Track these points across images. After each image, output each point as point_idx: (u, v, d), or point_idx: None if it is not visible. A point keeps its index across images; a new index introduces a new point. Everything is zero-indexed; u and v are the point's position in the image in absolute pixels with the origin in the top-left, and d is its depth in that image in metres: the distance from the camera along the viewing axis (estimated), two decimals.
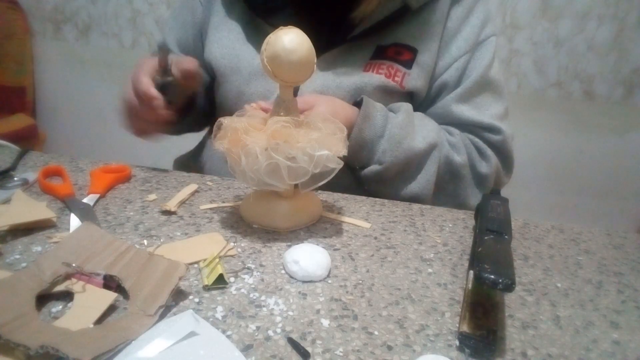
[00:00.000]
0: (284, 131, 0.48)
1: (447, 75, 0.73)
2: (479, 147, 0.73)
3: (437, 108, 0.74)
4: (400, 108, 0.69)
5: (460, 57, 0.73)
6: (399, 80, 0.71)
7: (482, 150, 0.73)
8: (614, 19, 1.55)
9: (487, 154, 0.73)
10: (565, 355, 0.39)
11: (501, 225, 0.49)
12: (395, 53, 0.72)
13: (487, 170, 0.73)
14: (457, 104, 0.73)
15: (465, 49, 0.73)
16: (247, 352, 0.36)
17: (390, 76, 0.71)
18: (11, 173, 0.64)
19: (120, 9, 1.89)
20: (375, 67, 0.71)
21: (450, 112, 0.73)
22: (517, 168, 0.79)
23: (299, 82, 0.51)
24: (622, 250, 0.58)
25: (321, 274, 0.46)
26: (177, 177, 0.68)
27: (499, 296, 0.45)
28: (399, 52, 0.72)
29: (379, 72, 0.71)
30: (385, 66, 0.71)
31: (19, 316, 0.36)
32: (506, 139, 0.74)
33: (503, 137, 0.74)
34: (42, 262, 0.42)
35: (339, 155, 0.51)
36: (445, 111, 0.73)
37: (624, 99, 1.64)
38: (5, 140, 0.75)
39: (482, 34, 0.74)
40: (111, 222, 0.54)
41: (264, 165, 0.48)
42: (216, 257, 0.47)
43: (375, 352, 0.38)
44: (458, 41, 0.73)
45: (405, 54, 0.72)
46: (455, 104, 0.73)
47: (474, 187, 0.74)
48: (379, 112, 0.67)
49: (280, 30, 0.49)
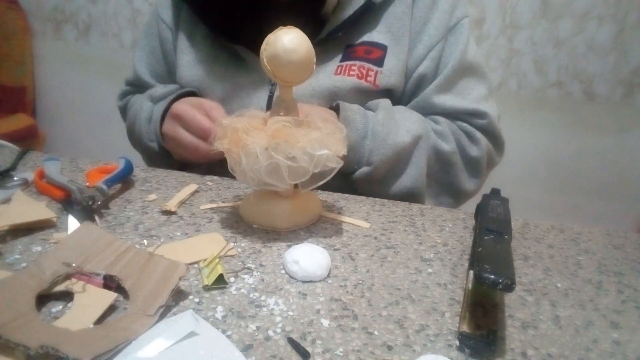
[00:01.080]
0: (285, 131, 0.49)
1: (423, 67, 0.72)
2: (468, 132, 0.73)
3: (419, 101, 0.73)
4: (379, 105, 0.68)
5: (434, 47, 0.71)
6: (371, 79, 0.70)
7: (471, 134, 0.73)
8: (614, 19, 1.55)
9: (477, 136, 0.72)
10: (565, 355, 0.39)
11: (501, 225, 0.49)
12: (365, 52, 0.70)
13: (478, 153, 0.73)
14: (438, 95, 0.72)
15: (437, 38, 0.71)
16: (247, 352, 0.36)
17: (362, 77, 0.70)
18: (11, 173, 0.64)
19: (120, 9, 1.89)
20: (346, 69, 0.70)
21: (433, 104, 0.72)
22: (518, 168, 0.79)
23: (299, 82, 0.51)
24: (622, 250, 0.58)
25: (321, 274, 0.46)
26: (177, 177, 0.68)
27: (499, 296, 0.45)
28: (368, 51, 0.70)
29: (351, 74, 0.70)
30: (357, 67, 0.70)
31: (19, 316, 0.36)
32: (492, 121, 0.73)
33: (488, 120, 0.73)
34: (42, 262, 0.42)
35: (339, 155, 0.51)
36: (427, 103, 0.73)
37: (624, 99, 1.64)
38: (5, 140, 0.76)
39: (453, 18, 0.72)
40: (111, 222, 0.54)
41: (264, 165, 0.48)
42: (216, 257, 0.47)
43: (375, 352, 0.38)
44: (429, 30, 0.71)
45: (374, 52, 0.70)
46: (436, 95, 0.72)
47: (467, 172, 0.73)
48: (357, 113, 0.66)
49: (279, 30, 0.49)
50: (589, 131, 1.69)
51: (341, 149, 0.51)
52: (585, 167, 1.73)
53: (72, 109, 2.09)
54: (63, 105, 2.09)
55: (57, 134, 2.10)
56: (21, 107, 1.97)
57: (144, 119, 0.75)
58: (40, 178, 0.61)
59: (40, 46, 2.01)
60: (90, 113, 2.06)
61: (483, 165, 0.74)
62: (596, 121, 1.67)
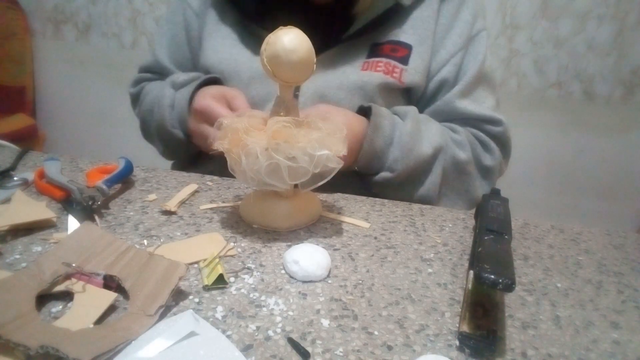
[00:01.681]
0: (285, 131, 0.48)
1: (445, 71, 0.75)
2: (483, 141, 0.75)
3: (441, 105, 0.75)
4: (407, 114, 0.69)
5: (457, 53, 0.74)
6: (397, 76, 0.72)
7: (486, 144, 0.75)
8: (614, 19, 1.55)
9: (491, 146, 0.75)
10: (565, 355, 0.39)
11: (501, 225, 0.49)
12: (390, 50, 0.73)
13: (492, 163, 0.75)
14: (460, 100, 0.74)
15: (460, 45, 0.74)
16: (247, 352, 0.36)
17: (388, 73, 0.72)
18: (11, 173, 0.64)
19: (120, 9, 1.89)
20: (373, 65, 0.72)
21: (455, 108, 0.74)
22: (518, 168, 0.80)
23: (299, 82, 0.51)
24: (622, 250, 0.58)
25: (321, 274, 0.46)
26: (177, 177, 0.68)
27: (499, 296, 0.45)
28: (394, 50, 0.73)
29: (377, 69, 0.72)
30: (383, 63, 0.72)
31: (19, 316, 0.36)
32: (506, 129, 0.77)
33: (504, 127, 0.76)
34: (42, 262, 0.42)
35: (339, 155, 0.51)
36: (450, 107, 0.75)
37: (624, 99, 1.64)
38: (5, 140, 0.75)
39: (474, 28, 0.76)
40: (111, 222, 0.54)
41: (265, 166, 0.48)
42: (216, 257, 0.47)
43: (375, 352, 0.38)
44: (452, 37, 0.75)
45: (400, 50, 0.73)
46: (458, 100, 0.74)
47: (481, 180, 0.75)
48: (386, 119, 0.67)
49: (280, 30, 0.49)
50: (589, 131, 1.69)
51: (341, 149, 0.51)
52: (585, 167, 1.73)
53: (72, 109, 2.09)
54: (63, 105, 2.09)
55: (57, 134, 2.09)
56: (21, 107, 1.97)
57: (167, 105, 0.74)
58: (40, 178, 0.61)
59: (40, 46, 2.01)
60: (90, 113, 2.06)
61: (496, 174, 0.77)
62: (596, 121, 1.67)
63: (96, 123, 2.06)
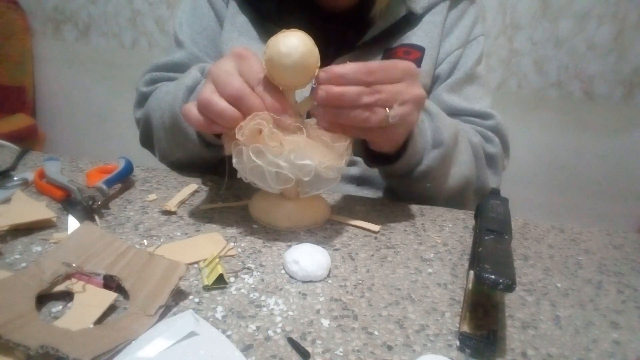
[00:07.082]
0: (273, 137, 0.48)
1: (440, 69, 0.76)
2: (480, 131, 0.75)
3: (430, 99, 0.76)
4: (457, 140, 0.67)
5: (453, 52, 0.76)
6: None
7: (484, 133, 0.75)
8: (614, 19, 1.55)
9: (489, 135, 0.75)
10: (565, 355, 0.39)
11: (501, 225, 0.49)
12: (404, 53, 0.73)
13: (494, 150, 0.75)
14: (448, 94, 0.75)
15: (456, 46, 0.76)
16: (247, 352, 0.36)
17: None
18: (11, 173, 0.64)
19: (120, 9, 1.89)
20: None
21: (443, 101, 0.75)
22: (517, 168, 0.80)
23: (296, 86, 0.50)
24: (622, 250, 0.58)
25: (321, 274, 0.46)
26: (177, 177, 0.68)
27: (499, 296, 0.45)
28: (407, 52, 0.73)
29: None
30: None
31: (19, 316, 0.36)
32: (499, 122, 0.77)
33: (496, 121, 0.76)
34: (42, 262, 0.42)
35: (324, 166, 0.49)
36: (437, 100, 0.75)
37: (624, 99, 1.64)
38: (5, 140, 0.75)
39: (472, 33, 0.78)
40: (111, 222, 0.54)
41: (249, 168, 0.48)
42: (216, 257, 0.47)
43: (375, 352, 0.38)
44: (451, 39, 0.76)
45: (413, 53, 0.73)
46: (446, 94, 0.75)
47: (487, 169, 0.75)
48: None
49: (281, 32, 0.48)
50: (589, 131, 1.69)
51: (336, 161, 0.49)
52: (585, 167, 1.73)
53: (72, 109, 2.09)
54: (63, 105, 2.09)
55: (57, 134, 2.09)
56: (21, 107, 1.97)
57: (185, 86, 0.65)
58: (40, 178, 0.61)
59: (40, 46, 2.01)
60: (90, 113, 2.06)
61: (499, 164, 0.76)
62: (596, 121, 1.67)
63: (96, 123, 2.06)
